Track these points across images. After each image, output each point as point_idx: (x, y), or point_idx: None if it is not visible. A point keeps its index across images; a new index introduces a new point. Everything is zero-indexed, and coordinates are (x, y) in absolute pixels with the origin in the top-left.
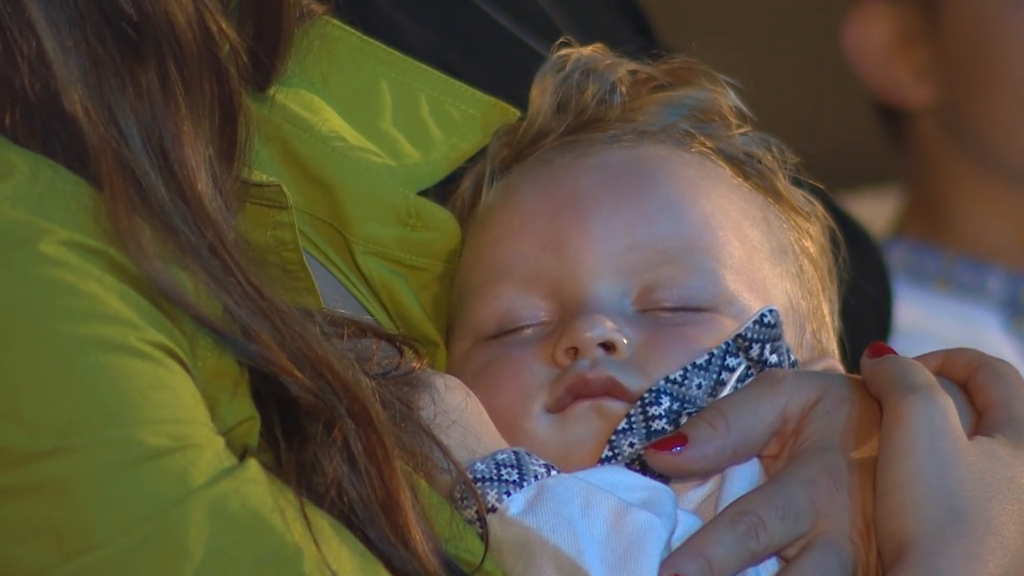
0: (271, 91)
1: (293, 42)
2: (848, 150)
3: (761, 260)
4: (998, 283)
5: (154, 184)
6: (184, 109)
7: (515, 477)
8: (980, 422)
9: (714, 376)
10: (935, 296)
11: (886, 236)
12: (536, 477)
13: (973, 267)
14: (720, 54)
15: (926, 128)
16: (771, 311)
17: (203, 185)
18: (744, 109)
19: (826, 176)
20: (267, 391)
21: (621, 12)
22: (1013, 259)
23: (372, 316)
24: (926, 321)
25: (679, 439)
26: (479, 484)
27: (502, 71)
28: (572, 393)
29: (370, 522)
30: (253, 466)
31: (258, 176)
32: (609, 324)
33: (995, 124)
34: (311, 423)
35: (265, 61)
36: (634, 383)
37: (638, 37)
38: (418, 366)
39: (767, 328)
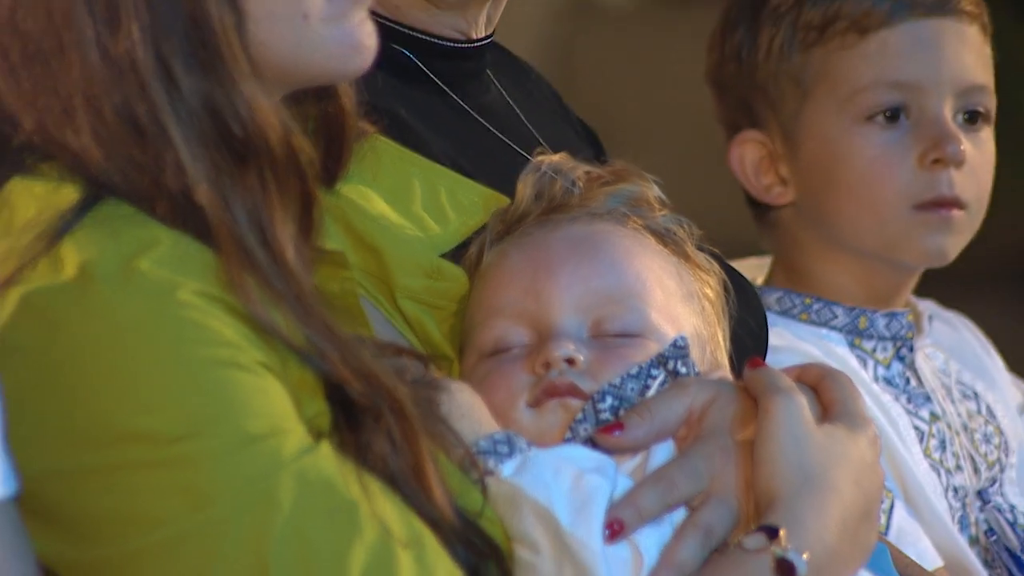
0: (337, 187)
1: (353, 154)
2: (735, 226)
3: (676, 302)
4: (842, 315)
5: (255, 251)
6: (276, 201)
7: (507, 450)
8: (825, 414)
9: (642, 382)
10: (798, 324)
11: (762, 286)
12: (521, 451)
13: (824, 305)
14: (647, 161)
15: (788, 217)
16: (683, 337)
17: (289, 253)
18: (664, 198)
19: (720, 244)
20: (334, 394)
21: (581, 131)
22: (850, 299)
23: (407, 340)
24: (792, 342)
25: (618, 426)
26: (482, 455)
27: (500, 174)
28: (546, 393)
29: (405, 484)
30: (325, 446)
31: (329, 245)
32: (571, 346)
33: (839, 216)
34: (364, 416)
35: (332, 167)
36: (588, 386)
37: (590, 148)
38: (438, 375)
39: (680, 349)
